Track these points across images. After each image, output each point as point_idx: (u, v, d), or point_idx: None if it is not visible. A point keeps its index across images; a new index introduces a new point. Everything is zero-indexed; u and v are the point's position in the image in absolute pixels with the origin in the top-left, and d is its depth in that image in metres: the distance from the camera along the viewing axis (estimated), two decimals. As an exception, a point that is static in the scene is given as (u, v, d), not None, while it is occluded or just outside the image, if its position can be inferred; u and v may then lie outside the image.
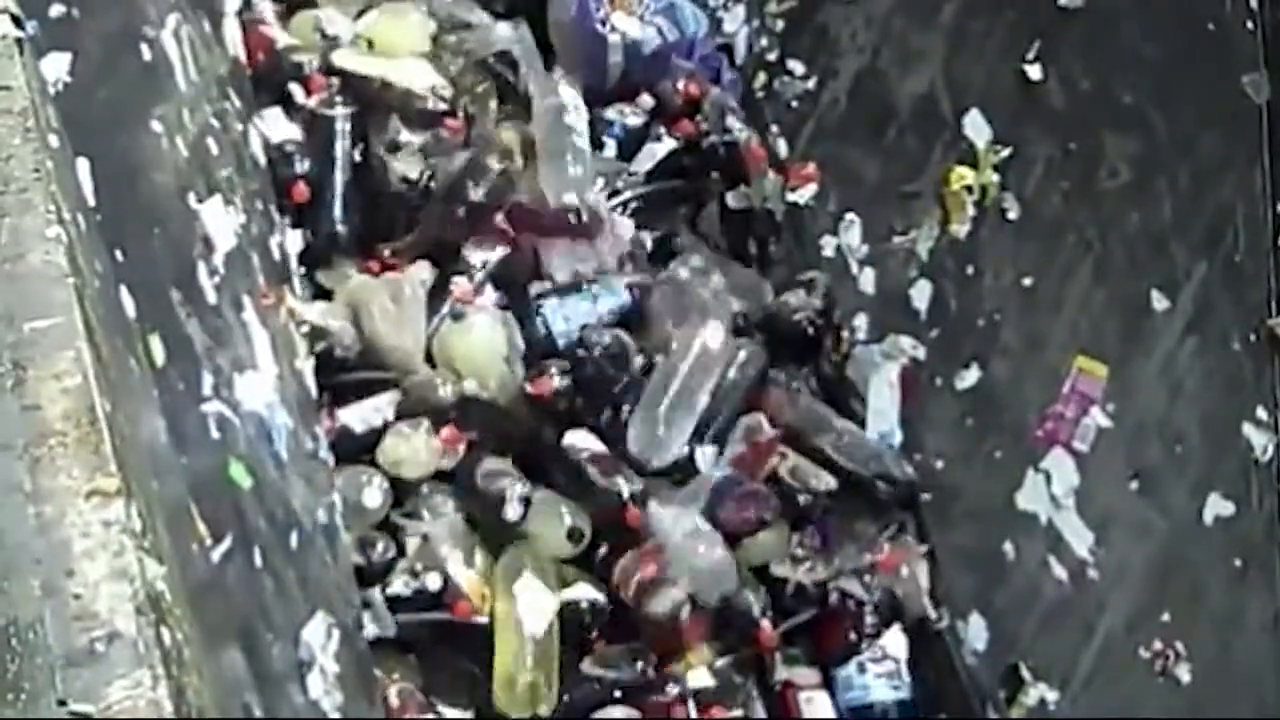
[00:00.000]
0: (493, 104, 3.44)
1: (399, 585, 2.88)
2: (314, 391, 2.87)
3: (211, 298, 2.40)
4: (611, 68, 3.56)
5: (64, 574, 1.27)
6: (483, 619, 2.89)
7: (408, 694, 2.81)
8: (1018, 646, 2.99)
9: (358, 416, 2.96)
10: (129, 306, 1.95)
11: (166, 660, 1.25)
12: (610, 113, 3.54)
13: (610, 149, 3.51)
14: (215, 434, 2.22)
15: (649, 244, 3.42)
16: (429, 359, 3.10)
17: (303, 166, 3.10)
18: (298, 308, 2.93)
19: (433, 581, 2.90)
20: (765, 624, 3.03)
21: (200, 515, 1.96)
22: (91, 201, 1.93)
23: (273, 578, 2.29)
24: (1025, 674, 2.95)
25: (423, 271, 3.16)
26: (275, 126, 3.10)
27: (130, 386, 1.78)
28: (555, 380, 3.06)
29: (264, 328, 2.61)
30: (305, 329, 2.94)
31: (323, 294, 3.12)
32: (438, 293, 3.15)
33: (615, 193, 3.41)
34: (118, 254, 1.97)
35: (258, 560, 2.22)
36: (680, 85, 3.54)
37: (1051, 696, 2.93)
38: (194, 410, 2.17)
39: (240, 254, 2.60)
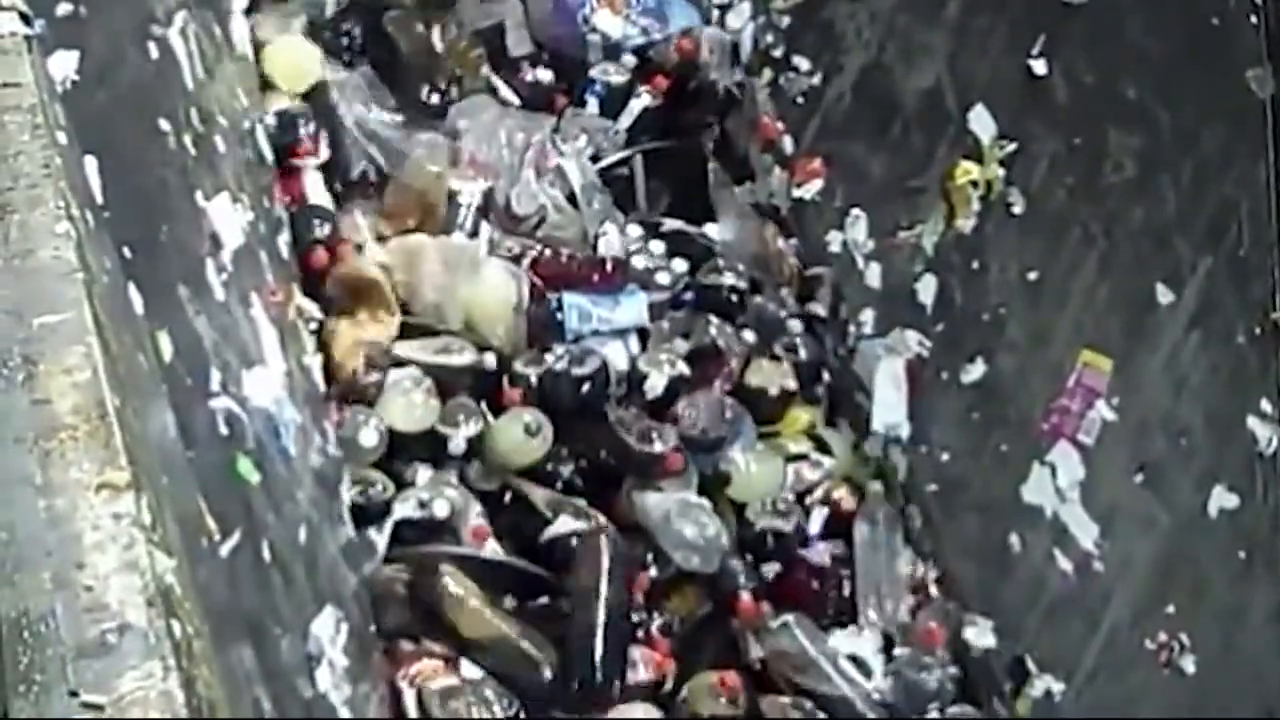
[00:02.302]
0: (484, 69, 3.48)
1: (407, 509, 2.89)
2: (322, 386, 2.88)
3: (219, 294, 2.41)
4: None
5: (75, 566, 1.28)
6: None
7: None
8: (1023, 639, 3.00)
9: None
10: (137, 303, 1.96)
11: (177, 652, 1.26)
12: (594, 70, 3.55)
13: (592, 106, 3.53)
14: (223, 430, 2.23)
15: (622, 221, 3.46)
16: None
17: (323, 231, 3.11)
18: (305, 305, 2.95)
19: (440, 509, 2.92)
20: (745, 595, 3.05)
21: (209, 511, 1.97)
22: (99, 199, 1.94)
23: (281, 573, 2.30)
24: (1031, 666, 2.96)
25: (480, 247, 3.24)
26: (313, 189, 3.13)
27: (139, 382, 1.79)
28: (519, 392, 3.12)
29: (272, 324, 2.62)
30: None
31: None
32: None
33: (597, 156, 3.44)
34: (126, 251, 1.98)
35: (266, 555, 2.23)
36: (674, 44, 3.56)
37: (1057, 688, 2.94)
38: (202, 406, 2.18)
39: (248, 251, 2.61)
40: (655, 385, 3.17)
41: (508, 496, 3.08)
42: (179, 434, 1.92)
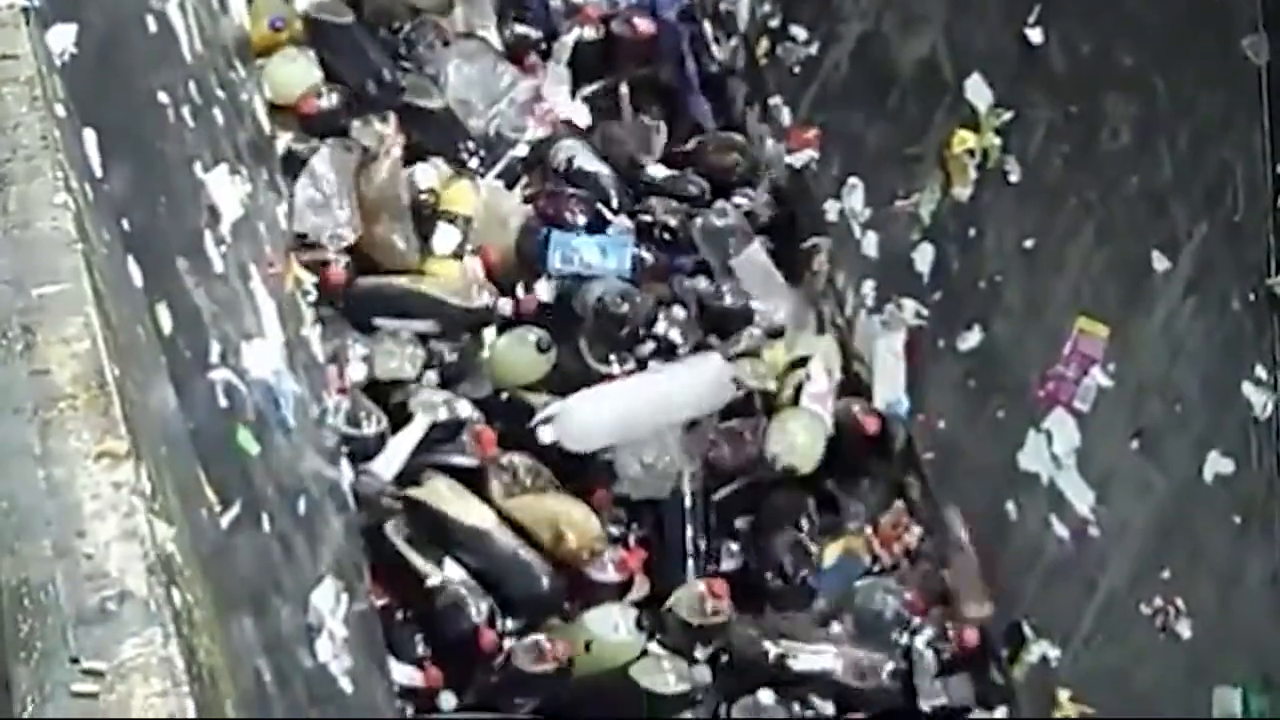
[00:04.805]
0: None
1: (434, 413, 2.96)
2: (321, 358, 2.89)
3: (218, 266, 2.41)
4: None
5: (75, 535, 1.29)
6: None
7: None
8: (1020, 605, 3.01)
9: None
10: (136, 276, 1.97)
11: (177, 620, 1.27)
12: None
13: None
14: (223, 401, 2.24)
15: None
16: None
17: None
18: (303, 277, 2.96)
19: (464, 409, 3.00)
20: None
21: (209, 481, 1.98)
22: (98, 172, 1.95)
23: (281, 543, 2.31)
24: (1028, 631, 2.98)
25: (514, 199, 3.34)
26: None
27: (138, 354, 1.80)
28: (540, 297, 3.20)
29: (271, 296, 2.63)
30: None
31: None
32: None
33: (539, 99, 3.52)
34: (124, 224, 1.98)
35: (266, 526, 2.24)
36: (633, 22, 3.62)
37: (1053, 653, 2.95)
38: (201, 378, 2.18)
39: (246, 223, 2.62)
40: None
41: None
42: (179, 406, 1.93)
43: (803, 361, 3.28)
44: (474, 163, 3.36)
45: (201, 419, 2.09)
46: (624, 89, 3.61)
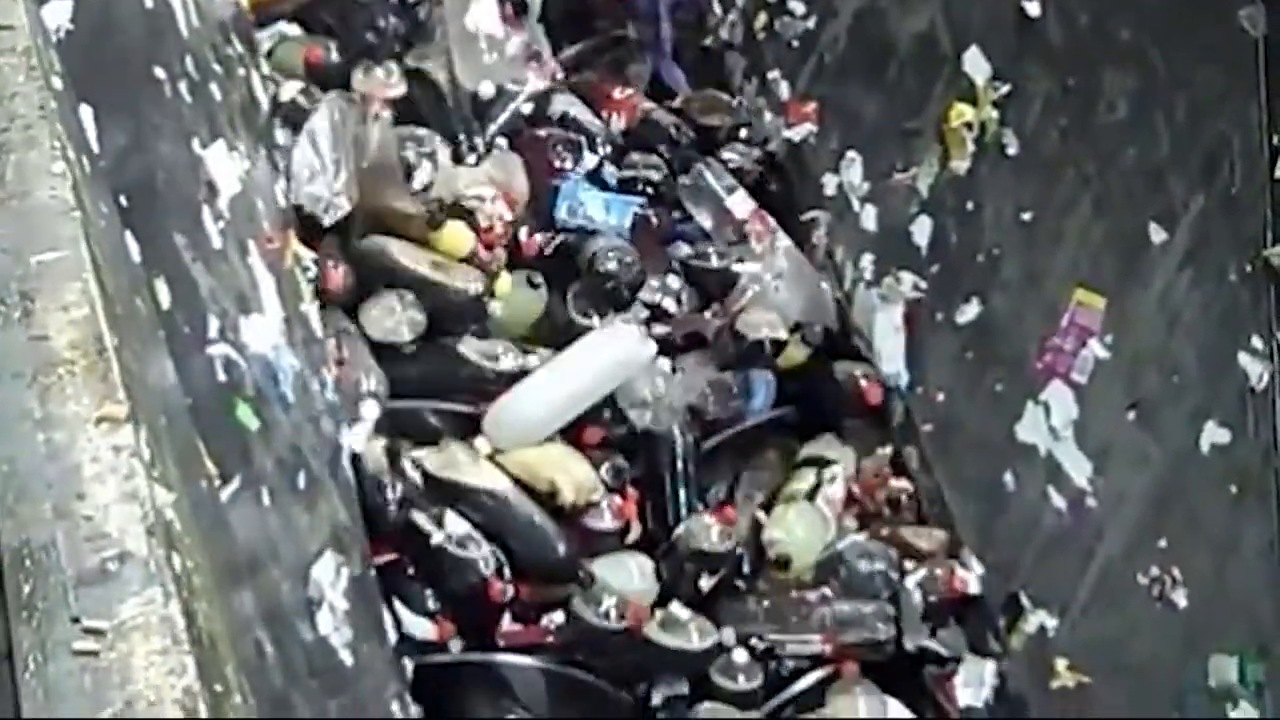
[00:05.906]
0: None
1: (506, 361, 2.97)
2: (319, 333, 2.89)
3: (216, 242, 2.41)
4: None
5: (75, 497, 1.29)
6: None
7: None
8: (1018, 575, 3.02)
9: None
10: (134, 251, 1.97)
11: (177, 582, 1.28)
12: None
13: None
14: (222, 376, 2.24)
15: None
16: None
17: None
18: (302, 252, 2.95)
19: (526, 360, 3.01)
20: None
21: (209, 455, 1.98)
22: (95, 148, 1.95)
23: (281, 517, 2.32)
24: (1025, 602, 2.98)
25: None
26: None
27: (137, 328, 1.80)
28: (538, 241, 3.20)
29: (269, 271, 2.63)
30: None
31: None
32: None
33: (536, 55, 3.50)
34: (122, 199, 1.99)
35: (266, 500, 2.25)
36: None
37: (1051, 623, 2.96)
38: (200, 353, 2.19)
39: (244, 199, 2.61)
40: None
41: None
42: (178, 380, 1.94)
43: (824, 461, 3.21)
44: (477, 141, 3.33)
45: (200, 393, 2.09)
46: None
